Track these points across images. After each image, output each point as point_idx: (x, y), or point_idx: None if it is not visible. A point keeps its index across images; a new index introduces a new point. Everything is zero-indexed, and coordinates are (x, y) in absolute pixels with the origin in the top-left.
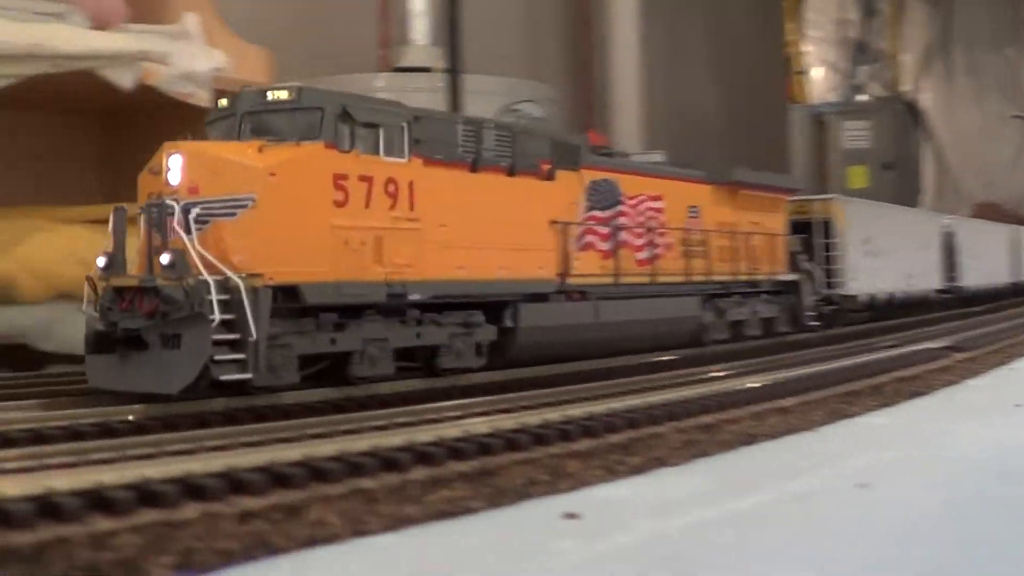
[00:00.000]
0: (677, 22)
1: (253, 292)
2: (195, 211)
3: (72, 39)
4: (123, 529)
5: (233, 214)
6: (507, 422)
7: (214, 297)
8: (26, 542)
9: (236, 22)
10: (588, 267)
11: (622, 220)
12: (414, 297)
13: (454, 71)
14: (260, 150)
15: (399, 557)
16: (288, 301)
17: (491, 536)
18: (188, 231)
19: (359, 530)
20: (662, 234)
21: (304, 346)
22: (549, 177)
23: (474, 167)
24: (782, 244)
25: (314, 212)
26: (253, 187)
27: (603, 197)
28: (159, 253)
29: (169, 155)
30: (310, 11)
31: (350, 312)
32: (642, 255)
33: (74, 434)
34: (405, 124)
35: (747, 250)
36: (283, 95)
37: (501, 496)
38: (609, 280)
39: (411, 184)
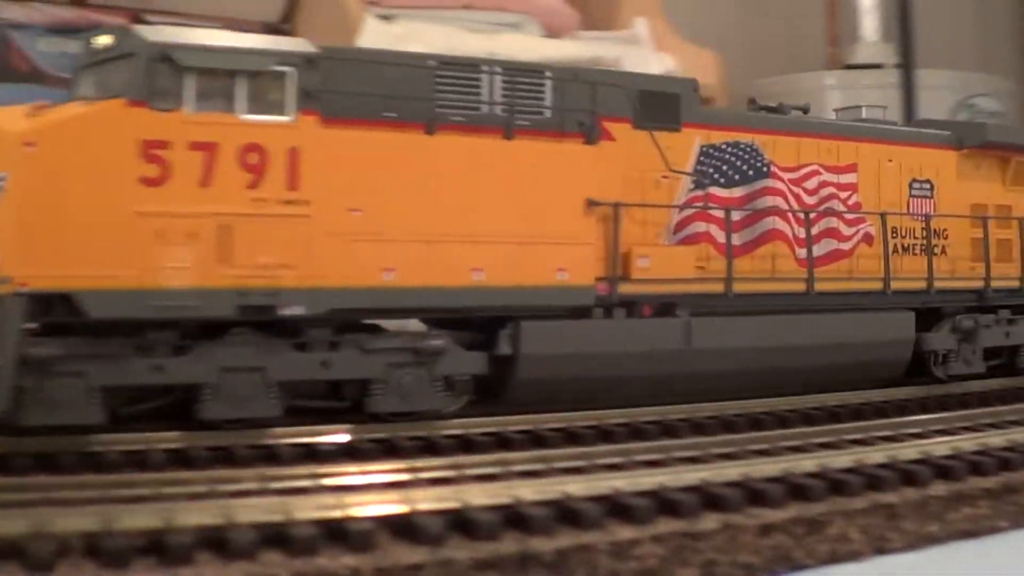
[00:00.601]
0: None
1: None
2: None
3: (528, 47)
4: (644, 539)
5: None
6: (1022, 435)
7: None
8: (547, 548)
9: (682, 25)
10: (674, 268)
11: (768, 200)
12: (292, 311)
13: (906, 67)
14: (30, 113)
15: None
16: (77, 314)
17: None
18: None
19: (881, 548)
20: (853, 221)
21: (110, 375)
22: (590, 139)
23: (430, 127)
24: None
25: (105, 194)
26: (6, 163)
27: (730, 167)
28: None
29: None
30: (755, 11)
31: (208, 330)
32: (804, 252)
33: (536, 440)
34: (289, 70)
35: None
36: (105, 41)
37: None
38: (716, 287)
39: (293, 152)
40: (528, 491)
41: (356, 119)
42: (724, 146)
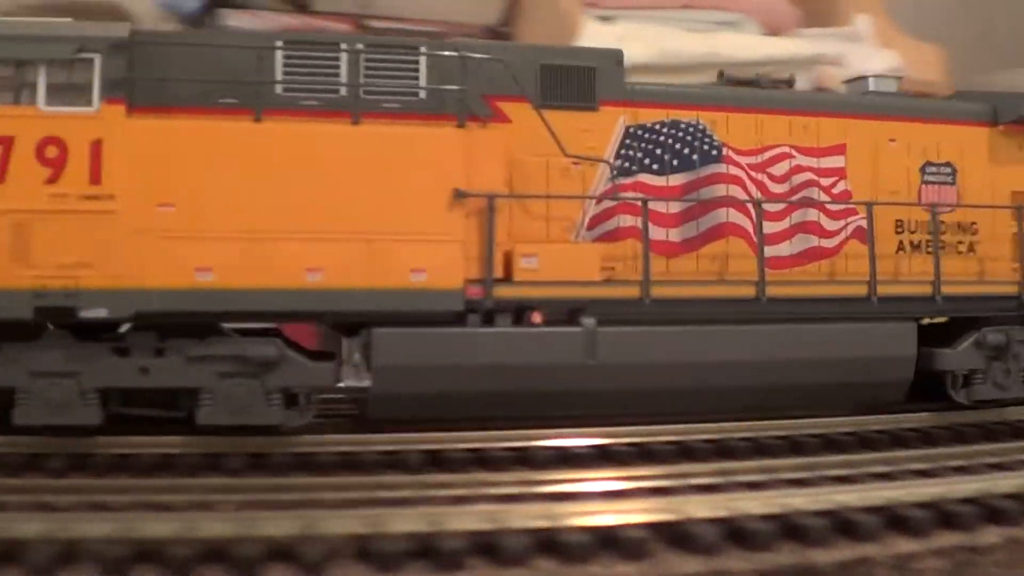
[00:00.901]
0: None
1: None
2: None
3: (747, 46)
4: (924, 552)
5: None
6: None
7: None
8: (827, 560)
9: (902, 20)
10: (572, 269)
11: (719, 189)
12: (94, 313)
13: None
14: None
15: None
16: None
17: None
18: None
19: None
20: (840, 213)
21: None
22: (460, 122)
23: (258, 114)
24: None
25: None
26: None
27: (666, 151)
28: None
29: None
30: (977, 4)
31: (19, 333)
32: (776, 250)
33: (795, 445)
34: (92, 57)
35: None
36: None
37: None
38: (629, 292)
39: (97, 144)
40: (801, 500)
41: (179, 107)
42: (658, 126)
